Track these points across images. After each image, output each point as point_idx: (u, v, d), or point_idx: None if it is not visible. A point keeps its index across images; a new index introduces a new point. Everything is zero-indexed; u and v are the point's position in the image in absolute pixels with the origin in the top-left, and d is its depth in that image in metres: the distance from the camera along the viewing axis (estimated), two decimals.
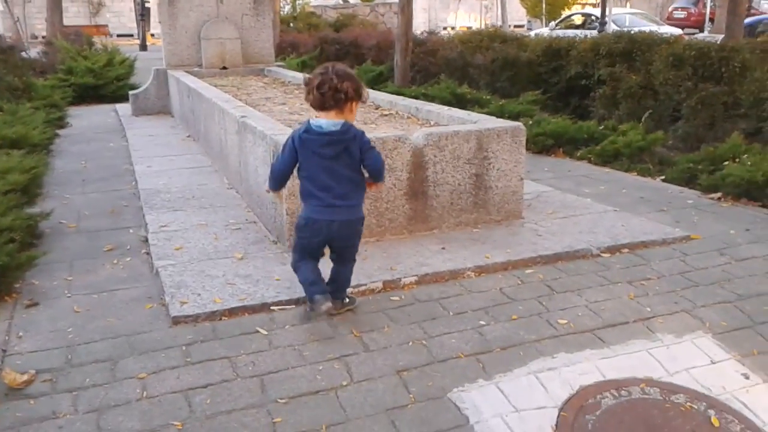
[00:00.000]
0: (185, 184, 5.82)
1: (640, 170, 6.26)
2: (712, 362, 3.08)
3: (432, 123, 5.21)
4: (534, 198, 5.27)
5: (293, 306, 3.49)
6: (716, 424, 2.72)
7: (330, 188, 3.05)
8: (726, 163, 5.56)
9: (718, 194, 5.26)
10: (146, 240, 4.47)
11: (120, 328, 3.29)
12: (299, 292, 3.57)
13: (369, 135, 4.24)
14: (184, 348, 3.10)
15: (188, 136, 8.18)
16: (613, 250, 4.16)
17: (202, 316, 3.35)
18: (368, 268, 3.86)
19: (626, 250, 4.16)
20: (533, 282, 3.76)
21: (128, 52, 14.36)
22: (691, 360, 3.08)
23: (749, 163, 5.31)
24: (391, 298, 3.59)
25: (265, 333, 3.23)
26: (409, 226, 4.47)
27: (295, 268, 3.28)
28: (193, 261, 4.02)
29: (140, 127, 8.91)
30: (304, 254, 3.23)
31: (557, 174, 6.28)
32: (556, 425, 2.68)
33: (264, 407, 2.71)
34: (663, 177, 6.01)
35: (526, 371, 2.97)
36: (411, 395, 2.80)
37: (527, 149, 7.04)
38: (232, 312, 3.40)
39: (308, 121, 3.06)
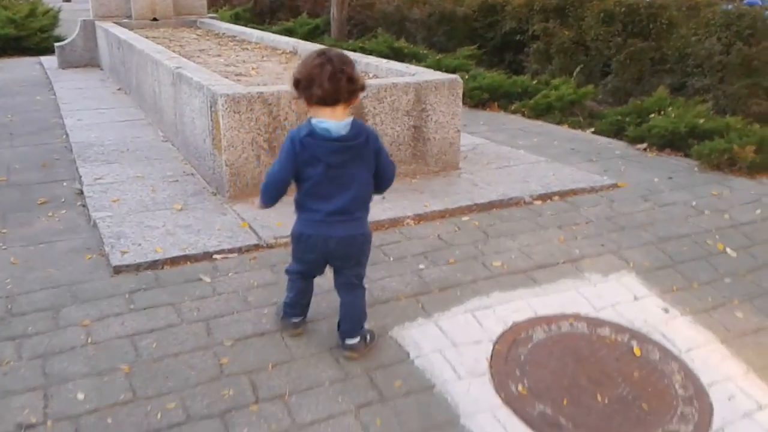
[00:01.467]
0: (119, 137, 5.70)
1: (571, 123, 6.47)
2: (635, 298, 3.29)
3: (371, 75, 5.24)
4: (470, 150, 5.40)
5: (236, 254, 3.52)
6: (638, 353, 2.94)
7: (329, 199, 2.53)
8: (652, 115, 5.81)
9: (644, 145, 5.51)
10: (81, 192, 4.40)
11: (60, 278, 3.27)
12: (241, 240, 3.62)
13: None
14: (127, 296, 3.11)
15: (119, 89, 7.96)
16: (544, 197, 4.34)
17: (144, 265, 3.35)
18: None
19: (557, 198, 4.35)
20: (469, 228, 3.90)
21: (52, 2, 13.72)
22: (616, 297, 3.29)
23: (673, 115, 5.56)
24: None
25: (209, 281, 3.27)
26: None
27: (288, 276, 2.84)
28: (131, 213, 3.99)
29: (68, 80, 8.61)
30: (301, 268, 2.77)
31: (492, 127, 6.42)
32: (491, 357, 2.84)
33: (210, 349, 2.78)
34: (593, 129, 6.24)
35: (463, 310, 3.12)
36: None
37: (464, 103, 7.20)
38: (174, 261, 3.42)
39: (309, 121, 2.47)
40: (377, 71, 5.28)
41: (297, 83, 2.44)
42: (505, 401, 2.64)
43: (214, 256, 3.49)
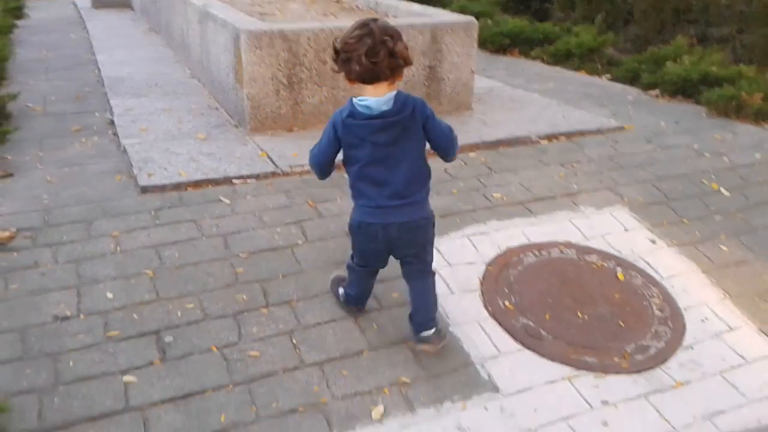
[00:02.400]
0: (148, 73, 5.95)
1: (589, 69, 6.56)
2: (625, 230, 3.50)
3: (390, 16, 5.39)
4: (485, 92, 5.55)
5: (254, 180, 3.78)
6: (621, 278, 3.16)
7: (385, 183, 2.36)
8: (668, 63, 5.87)
9: (657, 91, 5.61)
10: (112, 122, 4.68)
11: (92, 195, 3.56)
12: (259, 168, 3.87)
13: (328, 25, 4.49)
14: (152, 212, 3.39)
15: (149, 29, 8.19)
16: (551, 137, 4.50)
17: (169, 187, 3.63)
18: None
19: (563, 138, 4.51)
20: (475, 164, 4.10)
21: None
22: (607, 228, 3.49)
23: (687, 63, 5.63)
24: (344, 176, 3.88)
25: (228, 202, 3.53)
26: None
27: (348, 270, 2.72)
28: (158, 140, 4.26)
29: (100, 20, 8.85)
30: (362, 261, 2.62)
31: (510, 72, 6.54)
32: (483, 277, 3.09)
33: (227, 260, 3.06)
34: (609, 76, 6.32)
35: (460, 235, 3.35)
36: None
37: (485, 48, 7.31)
38: (196, 184, 3.68)
39: (350, 101, 2.30)
40: (397, 12, 5.42)
41: (336, 56, 2.25)
42: (491, 314, 2.89)
43: (234, 180, 3.74)
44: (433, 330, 2.57)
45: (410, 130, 2.32)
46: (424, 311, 2.60)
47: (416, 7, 5.45)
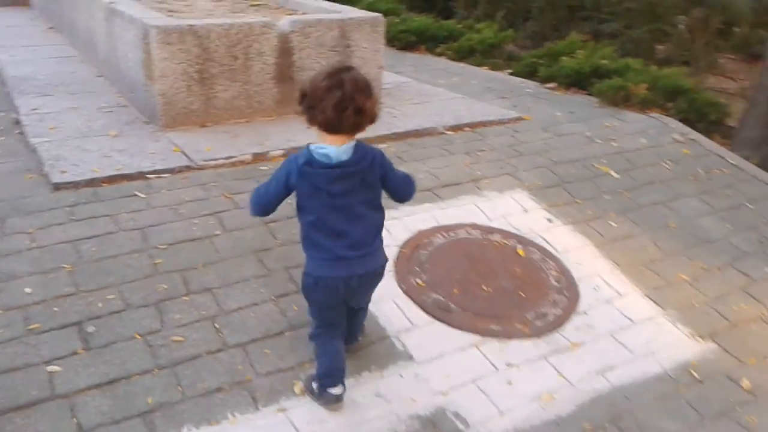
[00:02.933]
0: (53, 72, 5.83)
1: (491, 65, 6.88)
2: (525, 211, 3.77)
3: (299, 12, 5.50)
4: (394, 87, 5.75)
5: (168, 174, 3.82)
6: (521, 254, 3.42)
7: (343, 234, 2.27)
8: (563, 58, 6.25)
9: (553, 84, 5.97)
10: (18, 122, 4.58)
11: (2, 194, 3.51)
12: (173, 162, 3.91)
13: (238, 21, 4.57)
14: (67, 209, 3.39)
15: (51, 28, 7.96)
16: (456, 128, 4.75)
17: (82, 183, 3.63)
18: (239, 144, 4.23)
19: (467, 129, 4.77)
20: (387, 154, 4.28)
21: None
22: (509, 210, 3.75)
23: (581, 57, 6.02)
24: (260, 167, 4.00)
25: (143, 196, 3.57)
26: (278, 109, 4.83)
27: (314, 341, 2.52)
28: (68, 138, 4.22)
29: None
30: (323, 321, 2.46)
31: (417, 68, 6.78)
32: (397, 258, 3.28)
33: (145, 252, 3.11)
34: (510, 71, 6.66)
35: None
36: (277, 240, 3.29)
37: (392, 46, 7.53)
38: (111, 179, 3.70)
39: (308, 148, 2.22)
40: (305, 9, 5.54)
41: (302, 98, 2.19)
42: (405, 292, 3.08)
43: (148, 175, 3.78)
44: (357, 342, 2.73)
45: (368, 180, 2.26)
46: (352, 332, 2.64)
47: (325, 4, 5.59)
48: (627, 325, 3.06)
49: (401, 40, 7.66)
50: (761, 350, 3.02)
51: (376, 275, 2.42)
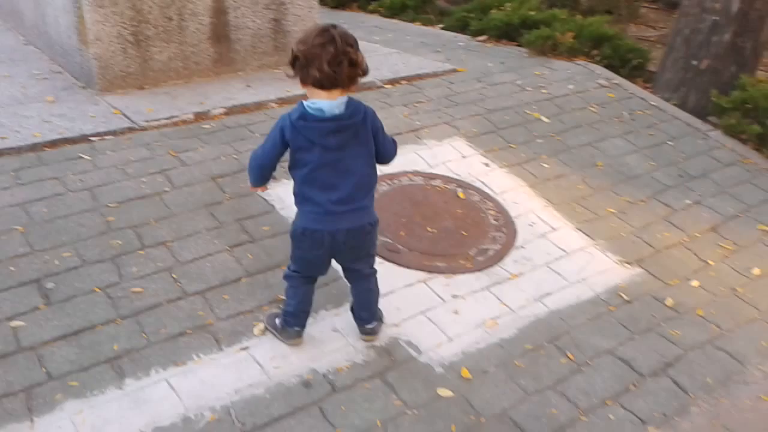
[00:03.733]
0: None
1: (423, 20, 7.00)
2: (463, 157, 3.95)
3: None
4: None
5: (111, 136, 3.83)
6: (462, 196, 3.60)
7: (333, 188, 2.31)
8: (493, 11, 6.42)
9: (484, 37, 6.14)
10: None
11: None
12: (115, 124, 3.93)
13: None
14: (12, 173, 3.39)
15: None
16: (393, 82, 4.87)
17: (25, 148, 3.61)
18: (179, 104, 4.26)
19: (404, 82, 4.90)
20: None
21: None
22: (448, 156, 3.93)
23: (509, 9, 6.20)
24: (203, 126, 4.05)
25: (89, 158, 3.59)
26: (216, 68, 4.86)
27: (287, 281, 2.58)
28: (4, 106, 4.16)
29: None
30: (302, 269, 2.52)
31: (352, 25, 6.80)
32: None
33: (97, 211, 3.16)
34: (442, 26, 6.80)
35: None
36: (226, 194, 3.38)
37: (325, 4, 7.55)
38: (53, 144, 3.69)
39: (300, 103, 2.26)
40: None
41: (294, 60, 2.20)
42: None
43: (91, 138, 3.78)
44: (375, 323, 2.66)
45: (360, 135, 2.29)
46: (366, 309, 2.64)
47: None
48: (561, 256, 3.29)
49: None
50: (682, 272, 3.31)
51: (365, 232, 2.41)
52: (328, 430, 2.30)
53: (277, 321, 2.63)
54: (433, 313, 2.86)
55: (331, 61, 2.11)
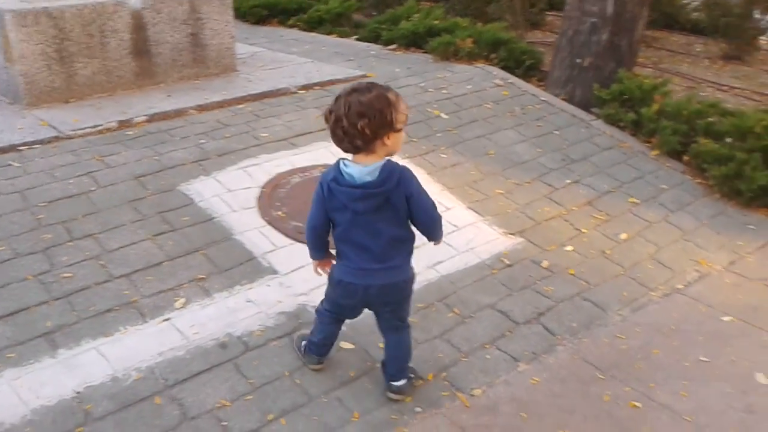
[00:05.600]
0: None
1: (339, 33, 7.42)
2: None
3: None
4: (249, 56, 6.16)
5: (39, 146, 4.09)
6: None
7: (366, 249, 2.36)
8: (402, 22, 6.88)
9: (394, 46, 6.59)
10: None
11: None
12: (43, 134, 4.19)
13: (91, 1, 4.83)
14: None
15: None
16: (307, 87, 5.26)
17: None
18: (104, 114, 4.54)
19: (317, 87, 5.29)
20: (244, 113, 4.74)
21: None
22: None
23: (416, 19, 6.67)
24: (126, 132, 4.34)
25: (18, 165, 3.85)
26: (138, 81, 5.15)
27: (318, 316, 2.68)
28: None
29: None
30: (334, 311, 2.61)
31: (271, 39, 7.20)
32: (259, 197, 3.77)
33: (28, 210, 3.44)
34: (356, 37, 7.23)
35: (236, 168, 4.00)
36: (148, 191, 3.70)
37: (245, 21, 7.90)
38: None
39: (337, 162, 2.31)
40: None
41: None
42: (268, 222, 3.59)
43: (20, 147, 4.04)
44: (404, 381, 2.64)
45: (391, 201, 2.29)
46: (396, 363, 2.64)
47: None
48: (453, 230, 3.71)
49: (254, 15, 8.03)
50: (558, 240, 3.77)
51: (398, 288, 2.47)
52: (241, 381, 2.65)
53: (303, 344, 2.76)
54: None
55: (334, 128, 2.21)
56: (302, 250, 3.39)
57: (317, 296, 3.11)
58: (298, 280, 3.21)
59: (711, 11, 8.09)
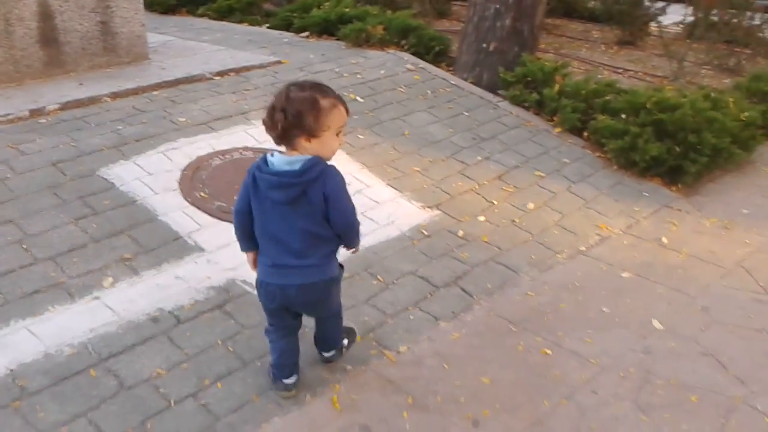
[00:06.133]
0: None
1: (250, 21, 7.45)
2: None
3: None
4: (161, 45, 6.12)
5: None
6: None
7: (282, 242, 2.30)
8: (314, 10, 6.98)
9: (307, 33, 6.69)
10: None
11: None
12: None
13: None
14: None
15: None
16: (222, 74, 5.30)
17: None
18: (14, 103, 4.44)
19: (233, 74, 5.34)
20: (159, 99, 4.74)
21: None
22: None
23: (327, 7, 6.79)
24: (39, 121, 4.27)
25: None
26: (47, 70, 5.05)
27: (267, 336, 2.58)
28: None
29: None
30: (270, 321, 2.53)
31: (181, 28, 7.15)
32: (180, 179, 3.81)
33: None
34: (268, 25, 7.28)
35: (156, 152, 4.02)
36: (67, 176, 3.68)
37: (154, 10, 7.81)
38: None
39: (266, 153, 2.32)
40: None
41: None
42: (191, 203, 3.65)
43: None
44: (333, 352, 2.74)
45: (308, 195, 2.23)
46: (323, 340, 2.71)
47: None
48: (374, 206, 3.88)
49: (162, 4, 7.95)
50: (472, 211, 4.00)
51: (316, 289, 2.39)
52: (175, 351, 2.73)
53: (269, 371, 2.64)
54: None
55: (268, 113, 2.24)
56: (228, 229, 3.47)
57: (245, 271, 3.21)
58: (226, 257, 3.29)
59: (605, 0, 8.59)
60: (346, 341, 2.80)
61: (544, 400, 2.64)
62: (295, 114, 2.17)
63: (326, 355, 2.75)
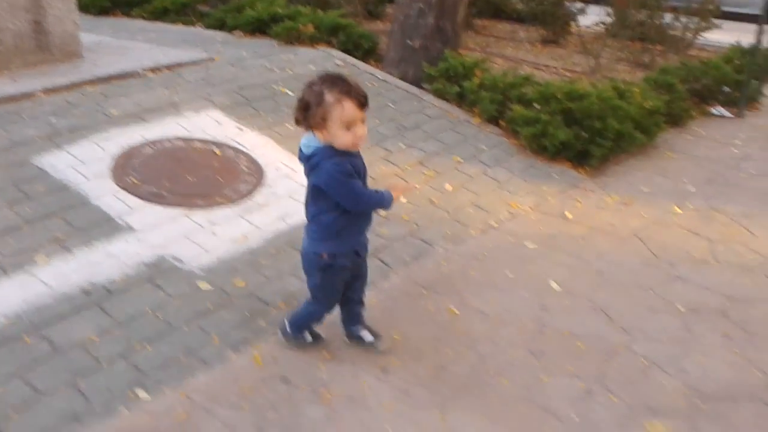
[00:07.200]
0: None
1: (184, 21, 7.60)
2: (219, 124, 4.66)
3: None
4: (95, 44, 6.21)
5: None
6: (218, 153, 4.32)
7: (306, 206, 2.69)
8: (246, 9, 7.18)
9: (239, 32, 6.89)
10: None
11: None
12: None
13: None
14: None
15: None
16: (155, 70, 5.45)
17: None
18: None
19: (166, 70, 5.49)
20: (93, 94, 4.87)
21: None
22: (205, 124, 4.62)
23: (260, 8, 7.01)
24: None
25: None
26: None
27: None
28: None
29: None
30: None
31: (116, 29, 7.25)
32: (113, 167, 3.98)
33: None
34: (202, 25, 7.45)
35: (89, 142, 4.17)
36: (0, 164, 3.80)
37: (88, 12, 7.88)
38: None
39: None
40: None
41: None
42: (122, 188, 3.82)
43: None
44: (285, 323, 2.91)
45: (310, 178, 2.58)
46: (292, 316, 2.91)
47: None
48: (300, 189, 4.09)
49: (96, 6, 8.02)
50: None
51: (302, 256, 2.73)
52: (106, 319, 2.91)
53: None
54: (194, 236, 3.55)
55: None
56: (158, 211, 3.70)
57: (174, 248, 3.44)
58: (156, 236, 3.48)
59: (530, 1, 9.02)
60: (290, 338, 2.90)
61: (448, 350, 2.92)
62: (302, 103, 2.48)
63: (281, 329, 2.92)
